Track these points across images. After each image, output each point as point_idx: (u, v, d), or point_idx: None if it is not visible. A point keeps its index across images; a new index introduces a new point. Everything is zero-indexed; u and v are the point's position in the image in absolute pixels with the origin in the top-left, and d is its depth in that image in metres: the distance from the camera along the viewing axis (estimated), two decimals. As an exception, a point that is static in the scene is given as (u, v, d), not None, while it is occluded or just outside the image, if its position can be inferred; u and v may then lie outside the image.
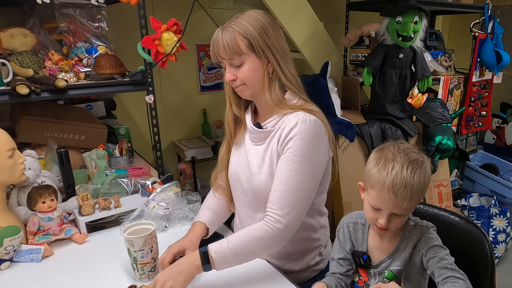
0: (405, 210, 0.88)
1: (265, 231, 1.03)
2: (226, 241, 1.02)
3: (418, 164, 0.87)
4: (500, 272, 2.50)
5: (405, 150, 0.89)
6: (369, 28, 2.29)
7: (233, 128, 1.21)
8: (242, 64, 1.05)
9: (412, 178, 0.84)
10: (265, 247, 1.05)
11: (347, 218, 1.05)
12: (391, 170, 0.85)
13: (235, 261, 1.02)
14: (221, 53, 1.04)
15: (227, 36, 1.02)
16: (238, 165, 1.19)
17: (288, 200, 1.03)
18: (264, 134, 1.12)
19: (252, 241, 1.03)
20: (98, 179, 1.50)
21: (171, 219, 1.34)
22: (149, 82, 1.56)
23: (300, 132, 1.04)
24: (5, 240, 1.07)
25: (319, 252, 1.23)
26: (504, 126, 3.54)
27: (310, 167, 1.05)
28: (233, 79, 1.06)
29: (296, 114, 1.07)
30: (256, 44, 1.03)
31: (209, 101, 3.01)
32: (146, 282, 1.03)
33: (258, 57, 1.04)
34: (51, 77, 1.41)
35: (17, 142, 1.21)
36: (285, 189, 1.04)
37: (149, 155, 2.00)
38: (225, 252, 1.00)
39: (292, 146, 1.04)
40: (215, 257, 0.99)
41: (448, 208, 1.68)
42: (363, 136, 2.18)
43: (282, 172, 1.05)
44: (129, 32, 1.81)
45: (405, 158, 0.86)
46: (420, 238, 0.93)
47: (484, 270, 1.01)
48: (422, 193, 0.88)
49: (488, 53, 2.60)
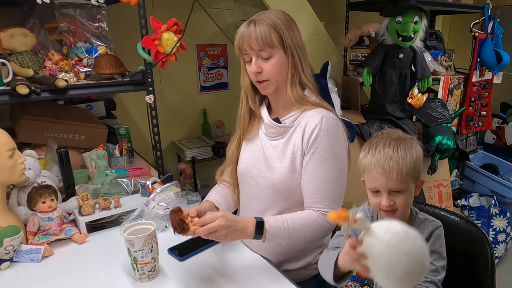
0: (400, 183, 0.88)
1: (318, 223, 1.08)
2: (281, 218, 1.06)
3: (401, 140, 0.91)
4: (500, 272, 2.50)
5: (388, 133, 0.94)
6: (369, 28, 2.29)
7: (248, 123, 1.23)
8: (270, 58, 1.08)
9: (396, 151, 0.88)
10: (314, 236, 1.11)
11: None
12: (374, 150, 0.91)
13: (284, 240, 1.06)
14: (253, 45, 1.06)
15: (261, 28, 1.05)
16: (251, 161, 1.21)
17: (332, 196, 1.10)
18: (282, 129, 1.15)
19: (306, 227, 1.07)
20: (98, 179, 1.50)
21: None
22: (149, 82, 1.56)
23: (326, 128, 1.08)
24: (5, 240, 1.07)
25: (321, 251, 1.23)
26: (504, 126, 3.54)
27: (341, 162, 1.11)
28: (258, 71, 1.09)
29: (318, 110, 1.11)
30: (285, 39, 1.07)
31: (209, 101, 3.01)
32: (146, 282, 1.03)
33: (285, 52, 1.09)
34: (51, 77, 1.41)
35: (17, 142, 1.21)
36: (326, 187, 1.09)
37: (149, 155, 2.00)
38: (279, 229, 1.04)
39: (321, 143, 1.08)
40: (270, 230, 1.02)
41: (448, 208, 1.68)
42: (363, 136, 2.18)
43: (319, 171, 1.09)
44: (129, 32, 1.81)
45: (387, 139, 0.92)
46: (430, 234, 0.93)
47: (484, 270, 1.01)
48: (411, 166, 0.88)
49: (488, 53, 2.60)
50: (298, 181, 1.13)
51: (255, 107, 1.20)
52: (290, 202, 1.15)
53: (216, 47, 2.94)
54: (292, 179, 1.12)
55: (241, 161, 1.24)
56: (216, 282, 1.04)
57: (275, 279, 1.07)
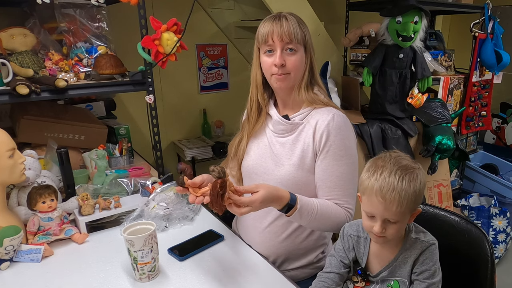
0: (397, 215, 0.87)
1: (342, 215, 1.11)
2: (313, 202, 1.07)
3: (407, 170, 0.87)
4: (500, 272, 2.50)
5: (396, 158, 0.90)
6: (369, 28, 2.29)
7: (255, 118, 1.24)
8: (295, 53, 1.11)
9: (401, 182, 0.85)
10: (334, 227, 1.12)
11: (351, 229, 1.03)
12: (379, 175, 0.87)
13: (307, 222, 1.07)
14: (284, 37, 1.09)
15: (293, 23, 1.10)
16: (257, 158, 1.22)
17: (350, 192, 1.13)
18: (291, 126, 1.17)
19: (331, 217, 1.09)
20: (98, 179, 1.50)
21: (171, 219, 1.33)
22: (149, 82, 1.56)
23: (338, 126, 1.11)
24: (5, 240, 1.07)
25: (322, 250, 1.25)
26: (504, 126, 3.54)
27: (354, 158, 1.15)
28: (282, 63, 1.11)
29: (328, 109, 1.14)
30: (308, 38, 1.13)
31: (209, 101, 3.01)
32: (146, 282, 1.03)
33: (305, 51, 1.13)
34: (51, 77, 1.41)
35: (17, 142, 1.21)
36: (343, 184, 1.12)
37: (149, 155, 2.00)
38: (308, 210, 1.05)
39: (335, 141, 1.11)
40: (299, 208, 1.02)
41: (448, 208, 1.68)
42: (363, 136, 2.18)
43: (335, 168, 1.12)
44: (129, 32, 1.81)
45: (395, 164, 0.88)
46: (419, 254, 0.92)
47: (484, 270, 1.00)
48: (412, 199, 0.86)
49: (488, 53, 2.60)
50: (305, 177, 1.14)
51: (263, 102, 1.22)
52: None
53: (216, 47, 2.94)
54: (301, 176, 1.14)
55: (247, 158, 1.25)
56: (216, 282, 1.04)
57: (275, 279, 1.07)
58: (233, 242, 1.23)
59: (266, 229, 1.20)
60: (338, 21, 2.85)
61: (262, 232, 1.21)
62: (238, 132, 1.30)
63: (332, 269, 1.02)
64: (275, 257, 1.21)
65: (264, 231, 1.21)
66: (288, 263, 1.22)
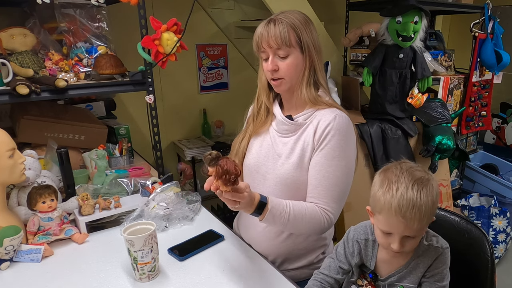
0: (417, 232, 0.84)
1: (318, 217, 1.08)
2: (285, 203, 1.04)
3: (423, 182, 0.82)
4: (500, 272, 2.50)
5: (408, 170, 0.85)
6: (369, 28, 2.29)
7: (264, 119, 1.24)
8: (286, 57, 1.10)
9: (419, 197, 0.80)
10: (311, 230, 1.10)
11: (357, 233, 1.00)
12: (395, 191, 0.81)
13: (281, 225, 1.04)
14: (271, 43, 1.08)
15: (281, 27, 1.07)
16: (259, 157, 1.22)
17: (332, 194, 1.09)
18: (295, 127, 1.16)
19: (307, 219, 1.06)
20: (98, 179, 1.50)
21: (171, 219, 1.33)
22: (149, 82, 1.56)
23: (339, 127, 1.09)
24: (5, 240, 1.07)
25: (323, 251, 1.25)
26: (504, 126, 3.54)
27: (347, 162, 1.11)
28: (275, 69, 1.11)
29: (331, 110, 1.13)
30: (303, 39, 1.09)
31: (209, 101, 3.01)
32: (146, 282, 1.03)
33: (302, 52, 1.11)
34: (51, 77, 1.41)
35: (17, 142, 1.21)
36: (327, 184, 1.09)
37: (149, 155, 2.00)
38: (280, 212, 1.02)
39: (331, 141, 1.09)
40: (271, 210, 1.00)
41: (448, 208, 1.68)
42: (363, 136, 2.18)
43: (323, 167, 1.09)
44: (129, 32, 1.81)
45: (409, 177, 0.83)
46: (432, 262, 0.91)
47: (484, 270, 1.01)
48: (431, 211, 0.83)
49: (488, 53, 2.60)
50: (304, 176, 1.14)
51: (268, 103, 1.22)
52: (296, 198, 1.15)
53: (216, 47, 2.94)
54: (300, 175, 1.14)
55: (249, 157, 1.25)
56: (216, 282, 1.04)
57: (275, 279, 1.07)
58: (233, 242, 1.23)
59: (266, 228, 1.20)
60: (338, 21, 2.85)
61: (263, 231, 1.21)
62: (242, 129, 1.30)
63: (330, 272, 1.02)
64: (275, 256, 1.21)
65: (264, 230, 1.21)
66: (288, 263, 1.22)
